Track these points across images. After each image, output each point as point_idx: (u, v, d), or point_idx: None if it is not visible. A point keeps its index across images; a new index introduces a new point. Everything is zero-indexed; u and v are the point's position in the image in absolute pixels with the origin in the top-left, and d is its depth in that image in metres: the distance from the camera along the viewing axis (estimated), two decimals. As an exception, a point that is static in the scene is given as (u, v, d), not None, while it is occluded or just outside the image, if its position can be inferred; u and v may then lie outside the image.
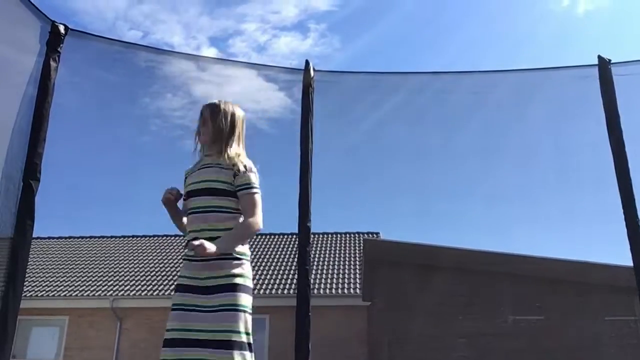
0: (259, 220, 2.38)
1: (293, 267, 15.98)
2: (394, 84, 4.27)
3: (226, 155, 2.45)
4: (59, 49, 3.41)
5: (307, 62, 4.01)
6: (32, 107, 3.25)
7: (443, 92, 4.18)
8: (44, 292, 15.40)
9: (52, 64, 3.36)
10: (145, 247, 19.03)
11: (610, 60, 3.92)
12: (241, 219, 2.40)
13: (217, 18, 28.50)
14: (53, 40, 3.40)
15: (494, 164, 4.34)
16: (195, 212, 2.42)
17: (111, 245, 19.37)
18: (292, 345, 3.55)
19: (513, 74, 4.20)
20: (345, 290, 15.01)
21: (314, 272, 15.44)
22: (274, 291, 15.01)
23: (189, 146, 2.63)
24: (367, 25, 29.72)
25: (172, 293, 2.48)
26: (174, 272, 16.41)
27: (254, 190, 2.42)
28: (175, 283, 2.50)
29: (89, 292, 15.49)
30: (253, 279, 2.45)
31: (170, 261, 17.52)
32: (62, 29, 3.45)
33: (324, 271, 16.16)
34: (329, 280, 15.53)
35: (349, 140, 4.34)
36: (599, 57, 3.95)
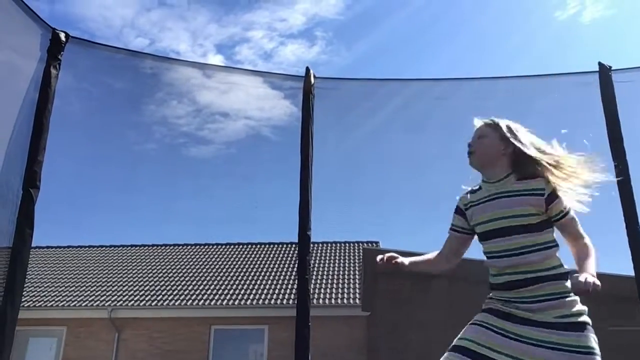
0: (591, 244, 2.12)
1: (292, 277, 15.91)
2: (394, 90, 4.27)
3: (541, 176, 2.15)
4: (59, 57, 3.41)
5: (307, 69, 4.02)
6: (32, 115, 3.25)
7: (442, 98, 4.18)
8: (42, 302, 15.31)
9: (53, 71, 3.35)
10: (144, 257, 18.94)
11: (611, 67, 3.93)
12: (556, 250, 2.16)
13: (224, 26, 28.61)
14: (53, 48, 3.40)
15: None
16: (506, 256, 2.15)
17: (109, 255, 19.29)
18: (292, 356, 3.52)
19: (513, 81, 4.20)
20: (345, 300, 14.93)
21: (313, 281, 15.38)
22: (273, 301, 14.93)
23: (192, 153, 2.55)
24: (371, 31, 29.89)
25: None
26: (173, 282, 16.33)
27: (572, 213, 2.15)
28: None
29: (87, 302, 15.40)
30: (252, 290, 2.38)
31: (169, 271, 17.44)
32: (62, 36, 3.45)
33: (324, 281, 16.09)
34: (328, 290, 15.46)
35: (350, 146, 4.33)
36: (600, 63, 3.95)
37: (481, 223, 2.24)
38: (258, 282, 16.10)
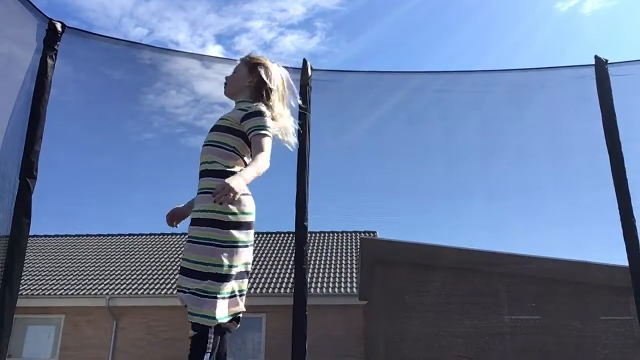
0: (265, 160, 2.28)
1: (290, 266, 15.97)
2: (392, 83, 4.28)
3: (248, 102, 2.43)
4: (55, 47, 3.40)
5: (304, 61, 4.02)
6: (29, 105, 3.25)
7: (441, 91, 4.19)
8: (40, 290, 15.35)
9: (49, 61, 3.35)
10: (142, 246, 18.98)
11: (607, 60, 3.94)
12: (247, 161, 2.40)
13: (224, 16, 28.53)
14: (50, 38, 3.39)
15: (493, 163, 4.35)
16: (203, 147, 2.45)
17: (108, 244, 19.31)
18: (289, 344, 3.55)
19: (511, 74, 4.21)
20: (342, 290, 15.01)
21: (310, 271, 15.44)
22: (270, 290, 15.00)
23: (191, 143, 2.62)
24: (372, 24, 29.83)
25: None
26: (171, 271, 16.38)
27: (263, 132, 2.33)
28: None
29: (85, 290, 15.45)
30: (250, 279, 2.42)
31: (167, 260, 17.49)
32: (59, 26, 3.44)
33: (321, 270, 16.16)
34: (325, 279, 15.53)
35: (347, 138, 4.34)
36: (596, 57, 3.97)
37: None
38: (256, 270, 16.15)
